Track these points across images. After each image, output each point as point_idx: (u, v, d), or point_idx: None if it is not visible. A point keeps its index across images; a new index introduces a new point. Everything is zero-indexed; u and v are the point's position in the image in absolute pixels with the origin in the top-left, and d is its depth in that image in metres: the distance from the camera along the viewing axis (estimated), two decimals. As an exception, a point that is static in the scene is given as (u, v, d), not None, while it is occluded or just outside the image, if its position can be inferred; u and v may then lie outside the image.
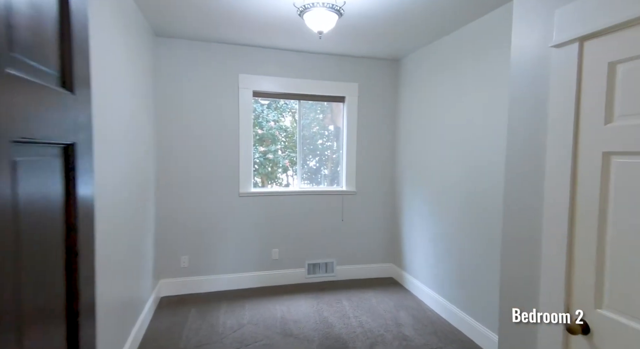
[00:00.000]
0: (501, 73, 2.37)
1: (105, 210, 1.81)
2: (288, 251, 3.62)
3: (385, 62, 3.79)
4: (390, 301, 3.24)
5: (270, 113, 4.03)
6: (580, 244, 1.19)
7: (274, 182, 4.07)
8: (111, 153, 1.93)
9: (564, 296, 1.23)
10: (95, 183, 0.87)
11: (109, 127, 1.91)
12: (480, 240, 2.59)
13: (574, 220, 1.22)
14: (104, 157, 1.81)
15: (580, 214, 1.20)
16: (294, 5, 2.27)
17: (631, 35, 1.04)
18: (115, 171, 2.01)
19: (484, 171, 2.56)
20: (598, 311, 1.14)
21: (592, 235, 1.15)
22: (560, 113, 1.27)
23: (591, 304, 1.16)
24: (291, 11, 2.42)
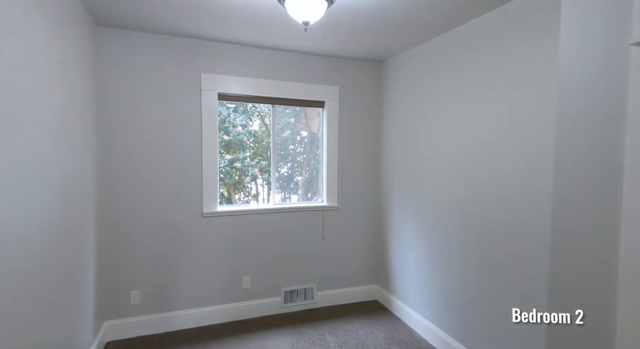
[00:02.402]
0: (507, 75, 2.09)
1: (11, 243, 1.29)
2: (261, 278, 3.15)
3: (368, 63, 3.44)
4: (379, 333, 2.88)
5: (237, 117, 3.55)
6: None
7: (242, 192, 3.60)
8: (21, 168, 1.40)
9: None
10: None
11: (18, 138, 1.37)
12: (479, 261, 2.30)
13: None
14: (8, 175, 1.28)
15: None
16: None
17: None
18: (27, 191, 1.47)
19: (483, 184, 2.27)
20: None
21: None
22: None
23: None
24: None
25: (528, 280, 1.98)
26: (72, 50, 2.03)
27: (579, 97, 1.19)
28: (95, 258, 2.51)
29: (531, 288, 1.96)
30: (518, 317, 1.26)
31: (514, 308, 1.29)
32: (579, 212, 1.16)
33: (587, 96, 1.16)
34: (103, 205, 2.65)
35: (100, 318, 2.62)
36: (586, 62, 1.15)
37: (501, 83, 2.17)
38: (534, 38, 1.96)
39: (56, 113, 1.77)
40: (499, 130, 2.18)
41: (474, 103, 2.37)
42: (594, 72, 1.14)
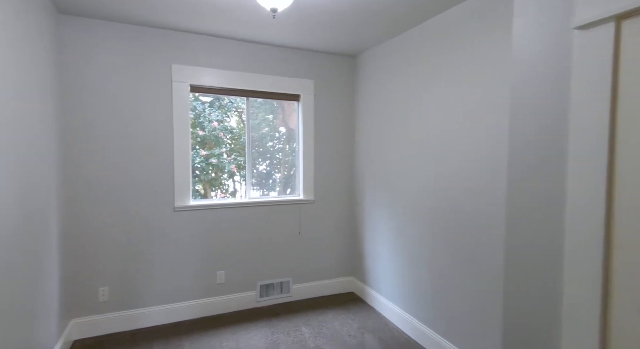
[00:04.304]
0: (481, 68, 2.15)
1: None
2: (236, 273, 3.13)
3: (342, 58, 3.47)
4: (353, 323, 2.91)
5: (213, 112, 3.51)
6: (623, 271, 0.93)
7: (219, 189, 3.55)
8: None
9: (598, 341, 0.97)
10: None
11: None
12: (451, 252, 2.36)
13: (610, 250, 0.96)
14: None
15: (620, 231, 0.94)
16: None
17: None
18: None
19: (454, 177, 2.33)
20: (649, 366, 0.88)
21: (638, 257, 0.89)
22: (588, 108, 1.00)
23: (638, 344, 0.90)
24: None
25: (496, 268, 2.05)
26: (28, 37, 1.96)
27: (530, 85, 1.21)
28: (59, 253, 2.42)
29: (499, 275, 2.03)
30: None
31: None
32: (530, 197, 1.20)
33: (536, 83, 1.19)
34: (68, 197, 2.57)
35: (66, 316, 2.53)
36: (536, 49, 1.19)
37: (467, 77, 2.23)
38: (494, 29, 2.03)
39: (11, 102, 1.70)
40: (467, 122, 2.25)
41: (442, 97, 2.43)
42: (542, 59, 1.17)
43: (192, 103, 3.19)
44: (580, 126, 1.03)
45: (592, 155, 0.99)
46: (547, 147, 1.16)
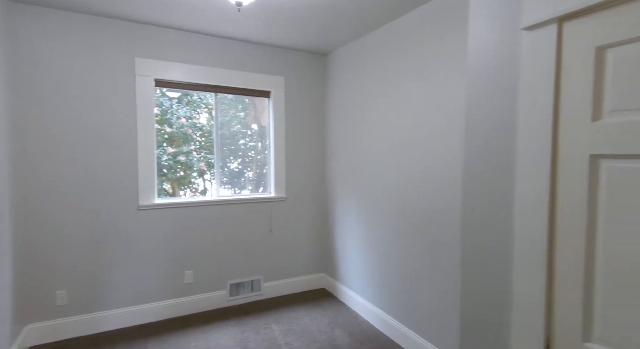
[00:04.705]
0: (442, 69, 2.22)
1: None
2: (205, 272, 3.07)
3: (313, 56, 3.49)
4: (324, 319, 2.93)
5: (181, 109, 3.42)
6: (564, 265, 1.00)
7: (188, 188, 3.47)
8: None
9: (543, 327, 1.04)
10: None
11: None
12: (418, 247, 2.43)
13: (554, 235, 1.03)
14: None
15: (562, 229, 1.00)
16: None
17: (627, 13, 0.86)
18: None
19: (420, 175, 2.40)
20: (587, 346, 0.95)
21: (578, 252, 0.96)
22: (534, 109, 1.07)
23: (578, 337, 0.97)
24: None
25: (457, 262, 2.13)
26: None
27: (483, 86, 1.25)
28: (12, 255, 2.28)
29: (460, 270, 2.11)
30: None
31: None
32: (482, 200, 1.25)
33: (489, 84, 1.22)
34: (21, 197, 2.43)
35: (20, 322, 2.39)
36: (489, 50, 1.23)
37: (428, 79, 2.30)
38: (455, 31, 2.10)
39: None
40: (429, 124, 2.31)
41: (407, 97, 2.49)
42: (495, 60, 1.21)
43: (158, 99, 3.10)
44: (527, 127, 1.08)
45: (537, 156, 1.05)
46: (498, 148, 1.20)
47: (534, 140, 1.05)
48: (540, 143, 1.03)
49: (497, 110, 1.19)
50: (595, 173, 0.93)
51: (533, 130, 1.05)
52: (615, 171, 0.88)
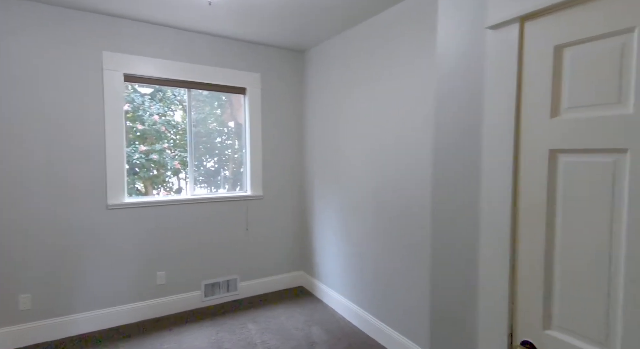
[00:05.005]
0: (421, 65, 2.25)
1: None
2: (178, 273, 3.00)
3: (290, 53, 3.47)
4: (301, 316, 2.93)
5: (154, 105, 3.33)
6: (525, 257, 1.04)
7: (162, 188, 3.38)
8: None
9: (508, 317, 1.07)
10: None
11: None
12: (394, 244, 2.46)
13: (516, 231, 1.06)
14: None
15: (524, 224, 1.04)
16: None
17: (582, 14, 0.89)
18: None
19: (397, 172, 2.44)
20: (546, 333, 0.99)
21: (538, 244, 1.00)
22: (498, 106, 1.10)
23: (539, 324, 1.01)
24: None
25: (430, 259, 2.18)
26: None
27: (451, 84, 1.27)
28: (-31, 259, 2.16)
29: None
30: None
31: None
32: (451, 191, 1.28)
33: (457, 83, 1.25)
34: (-20, 198, 2.29)
35: (-22, 329, 2.27)
36: (457, 49, 1.26)
37: (405, 76, 2.33)
38: (430, 30, 2.14)
39: None
40: (406, 124, 2.35)
41: (384, 96, 2.52)
42: (461, 58, 1.25)
43: (129, 95, 3.00)
44: (491, 124, 1.11)
45: (501, 152, 1.07)
46: (466, 146, 1.22)
47: (498, 136, 1.08)
48: (504, 139, 1.06)
49: (464, 108, 1.22)
50: (553, 167, 0.96)
51: (497, 126, 1.08)
52: (572, 164, 0.92)
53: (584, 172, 0.90)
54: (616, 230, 0.83)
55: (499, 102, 1.08)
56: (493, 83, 1.10)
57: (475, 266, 1.17)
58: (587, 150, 0.89)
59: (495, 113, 1.09)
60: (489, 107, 1.11)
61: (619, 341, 0.83)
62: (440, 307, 1.31)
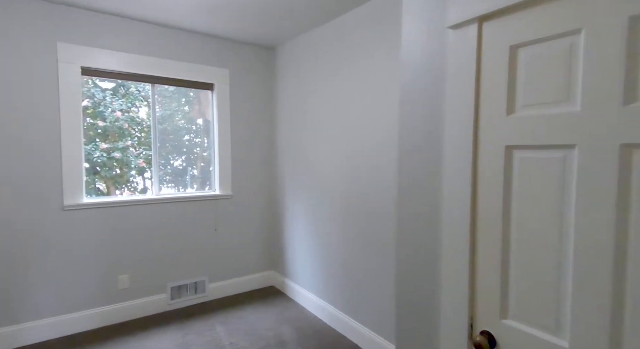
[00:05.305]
0: (387, 65, 2.28)
1: None
2: (143, 276, 2.88)
3: (260, 49, 3.42)
4: (271, 316, 2.89)
5: (116, 101, 3.18)
6: (484, 250, 1.07)
7: (126, 188, 3.23)
8: None
9: (468, 309, 1.10)
10: None
11: None
12: (364, 242, 2.49)
13: (475, 225, 1.10)
14: None
15: (482, 218, 1.07)
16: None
17: (535, 15, 0.93)
18: None
19: (366, 170, 2.46)
20: (503, 322, 1.03)
21: (496, 239, 1.03)
22: (458, 104, 1.13)
23: (496, 315, 1.05)
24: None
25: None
26: None
27: (413, 83, 1.28)
28: None
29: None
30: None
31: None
32: (414, 188, 1.30)
33: (419, 81, 1.27)
34: None
35: None
36: (418, 48, 1.27)
37: (372, 75, 2.35)
38: (399, 28, 2.17)
39: None
40: (371, 123, 2.37)
41: (351, 97, 2.54)
42: (424, 57, 1.27)
43: (89, 90, 2.85)
44: (452, 122, 1.13)
45: (461, 148, 1.10)
46: (428, 143, 1.25)
47: (458, 133, 1.11)
48: (464, 136, 1.09)
49: (427, 106, 1.24)
50: (509, 163, 1.00)
51: (457, 124, 1.11)
52: (525, 160, 0.96)
53: (537, 167, 0.93)
54: (565, 223, 0.87)
55: (459, 100, 1.11)
56: (454, 82, 1.12)
57: (437, 261, 1.20)
58: (539, 146, 0.93)
59: (456, 111, 1.12)
60: (450, 106, 1.14)
61: (568, 327, 0.87)
62: (406, 302, 1.33)
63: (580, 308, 0.84)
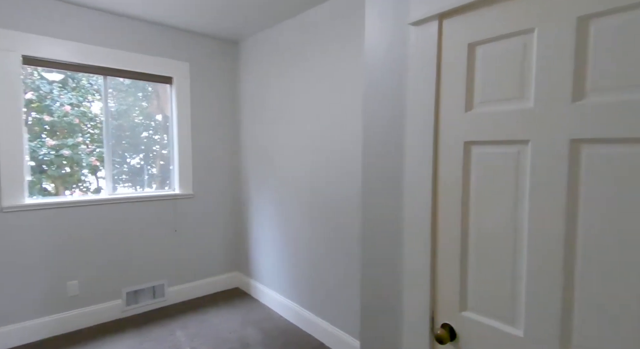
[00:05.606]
0: (354, 62, 2.27)
1: None
2: (94, 281, 2.69)
3: (223, 43, 3.30)
4: (236, 318, 2.81)
5: (64, 94, 2.94)
6: (444, 245, 1.09)
7: (78, 188, 3.01)
8: None
9: (429, 303, 1.12)
10: None
11: None
12: (330, 239, 2.48)
13: (436, 220, 1.11)
14: None
15: (443, 214, 1.09)
16: None
17: (491, 14, 0.95)
18: None
19: (331, 167, 2.45)
20: (463, 314, 1.05)
21: (455, 234, 1.05)
22: (419, 101, 1.13)
23: (456, 307, 1.06)
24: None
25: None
26: None
27: (377, 79, 1.27)
28: None
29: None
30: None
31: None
32: (377, 184, 1.30)
33: (382, 77, 1.26)
34: None
35: None
36: (382, 44, 1.27)
37: (338, 70, 2.34)
38: (361, 26, 2.18)
39: None
40: (337, 121, 2.35)
41: (318, 93, 2.51)
42: (387, 53, 1.26)
43: (34, 82, 2.62)
44: (414, 118, 1.14)
45: (422, 144, 1.11)
46: (391, 139, 1.25)
47: (419, 129, 1.12)
48: (424, 132, 1.10)
49: (389, 102, 1.24)
50: (467, 158, 1.02)
51: (419, 120, 1.12)
52: (483, 156, 0.98)
53: (493, 162, 0.96)
54: (520, 216, 0.90)
55: (420, 97, 1.11)
56: (415, 78, 1.13)
57: (401, 258, 1.21)
58: (495, 142, 0.95)
59: (417, 108, 1.12)
60: (412, 102, 1.14)
61: (523, 317, 0.90)
62: (370, 298, 1.33)
63: (533, 298, 0.87)
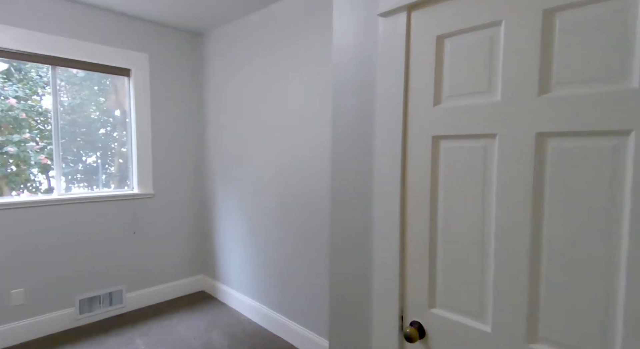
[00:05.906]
0: (324, 55, 2.23)
1: None
2: (43, 289, 2.47)
3: (187, 34, 3.15)
4: (201, 323, 2.69)
5: (9, 86, 2.69)
6: (413, 241, 1.07)
7: (25, 188, 2.75)
8: None
9: (398, 301, 1.09)
10: None
11: None
12: (298, 239, 2.42)
13: (405, 217, 1.09)
14: None
15: (411, 210, 1.07)
16: None
17: (459, 5, 0.94)
18: None
19: (300, 165, 2.40)
20: (431, 311, 1.03)
21: (424, 229, 1.03)
22: (387, 95, 1.11)
23: (425, 305, 1.05)
24: None
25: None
26: None
27: (346, 72, 1.24)
28: None
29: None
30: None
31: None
32: (347, 180, 1.26)
33: (351, 70, 1.23)
34: None
35: None
36: (350, 35, 1.23)
37: (308, 65, 2.29)
38: (331, 18, 2.14)
39: None
40: (306, 118, 2.31)
41: (287, 87, 2.45)
42: (356, 46, 1.23)
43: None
44: (382, 112, 1.11)
45: (391, 139, 1.09)
46: (360, 134, 1.22)
47: (388, 123, 1.09)
48: (393, 126, 1.07)
49: (358, 96, 1.21)
50: (436, 153, 1.00)
51: (387, 114, 1.09)
52: (450, 150, 0.97)
53: (461, 157, 0.95)
54: (487, 211, 0.89)
55: (388, 90, 1.09)
56: (384, 71, 1.10)
57: (370, 254, 1.18)
58: (463, 136, 0.94)
59: (386, 102, 1.10)
60: (380, 96, 1.11)
61: (490, 312, 0.89)
62: (339, 296, 1.29)
63: (500, 294, 0.86)
